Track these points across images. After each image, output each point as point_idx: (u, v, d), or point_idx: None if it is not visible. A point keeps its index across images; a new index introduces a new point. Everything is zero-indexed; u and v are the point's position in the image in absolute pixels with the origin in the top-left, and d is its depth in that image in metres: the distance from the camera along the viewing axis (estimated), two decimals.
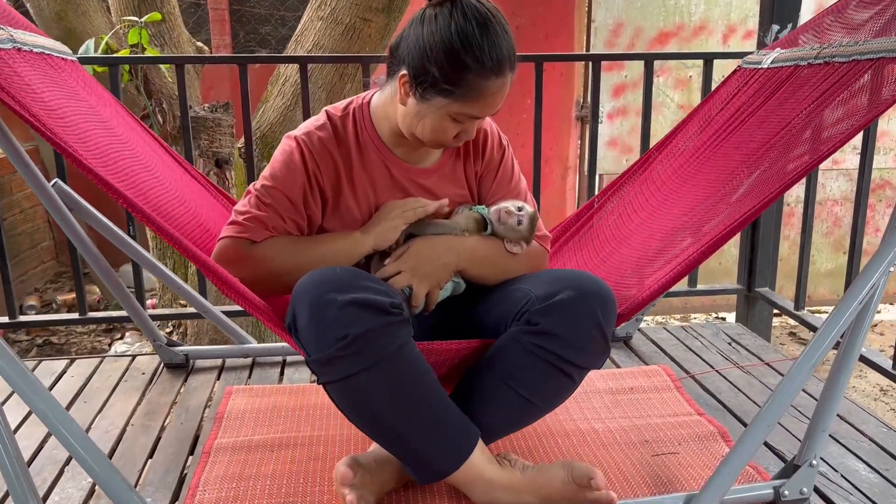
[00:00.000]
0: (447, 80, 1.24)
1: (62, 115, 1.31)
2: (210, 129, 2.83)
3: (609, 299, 1.29)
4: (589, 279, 1.31)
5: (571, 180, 4.39)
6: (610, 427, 1.70)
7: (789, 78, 1.56)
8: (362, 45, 3.00)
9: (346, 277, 1.21)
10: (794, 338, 3.89)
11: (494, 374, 1.33)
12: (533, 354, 1.29)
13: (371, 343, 1.17)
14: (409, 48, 1.28)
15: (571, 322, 1.27)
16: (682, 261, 1.33)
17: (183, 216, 1.49)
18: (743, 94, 1.68)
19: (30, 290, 4.34)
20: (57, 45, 1.58)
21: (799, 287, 2.31)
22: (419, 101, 1.29)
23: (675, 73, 4.03)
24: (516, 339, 1.31)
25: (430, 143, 1.35)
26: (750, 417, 1.77)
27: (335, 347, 1.16)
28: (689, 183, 1.57)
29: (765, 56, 1.70)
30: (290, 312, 1.22)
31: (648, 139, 2.38)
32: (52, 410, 1.19)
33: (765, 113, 1.55)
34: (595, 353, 1.31)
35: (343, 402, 1.27)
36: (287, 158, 1.37)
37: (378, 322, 1.17)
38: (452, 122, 1.30)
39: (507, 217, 1.42)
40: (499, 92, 1.27)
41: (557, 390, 1.36)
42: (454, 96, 1.25)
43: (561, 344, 1.28)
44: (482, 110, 1.29)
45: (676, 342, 2.26)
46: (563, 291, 1.27)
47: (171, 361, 2.07)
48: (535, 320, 1.28)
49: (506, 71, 1.26)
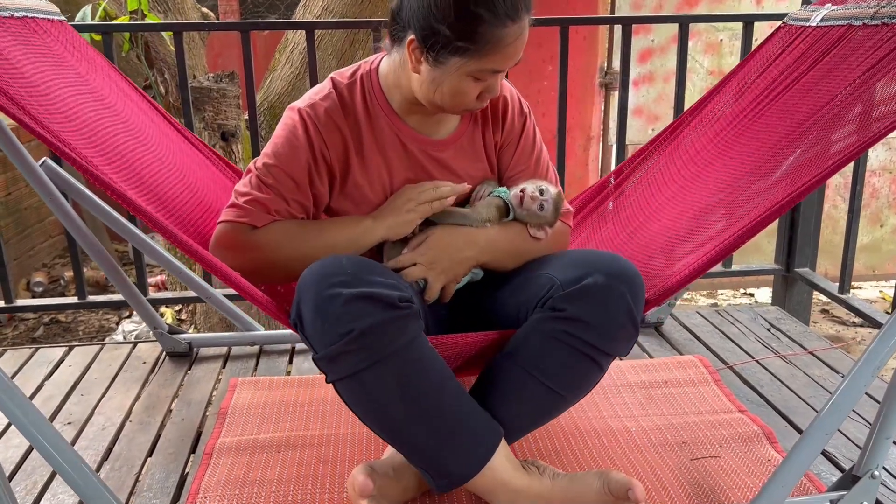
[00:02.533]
0: (460, 35, 1.12)
1: (45, 90, 1.19)
2: (215, 101, 2.69)
3: (638, 283, 1.19)
4: (617, 261, 1.21)
5: (594, 151, 4.21)
6: (644, 426, 1.57)
7: (840, 40, 1.39)
8: (374, 9, 2.84)
9: (352, 269, 1.11)
10: (828, 315, 3.72)
11: (517, 364, 1.22)
12: (559, 341, 1.19)
13: (378, 338, 1.08)
14: (412, 10, 1.16)
15: (601, 308, 1.17)
16: (718, 244, 1.19)
17: (182, 195, 1.37)
18: (788, 55, 1.50)
19: (37, 265, 4.25)
20: (41, 6, 1.44)
21: (844, 269, 2.15)
22: (433, 66, 1.17)
23: (706, 36, 3.82)
24: (540, 326, 1.20)
25: (452, 108, 1.24)
26: (795, 413, 1.64)
27: (341, 343, 1.08)
28: (727, 155, 1.42)
29: (814, 12, 1.52)
30: (295, 306, 1.13)
31: (683, 108, 2.21)
32: (35, 424, 1.08)
33: (812, 80, 1.38)
34: (624, 339, 1.21)
35: (352, 400, 1.17)
36: (289, 133, 1.26)
37: (385, 316, 1.08)
38: (473, 82, 1.19)
39: (530, 203, 1.30)
40: (518, 39, 1.15)
41: (585, 379, 1.26)
42: (470, 53, 1.14)
43: (590, 330, 1.18)
44: (503, 62, 1.17)
45: (711, 328, 2.11)
46: (591, 275, 1.17)
47: (174, 350, 1.95)
48: (560, 306, 1.18)
49: (522, 14, 1.14)
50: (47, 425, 1.09)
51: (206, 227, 1.36)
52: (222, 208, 1.29)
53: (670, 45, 3.88)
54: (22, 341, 3.41)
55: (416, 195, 1.26)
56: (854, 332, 3.53)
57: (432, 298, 1.27)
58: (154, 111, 1.62)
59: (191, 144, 1.66)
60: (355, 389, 1.14)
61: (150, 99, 1.66)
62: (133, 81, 1.65)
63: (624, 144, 2.27)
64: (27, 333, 3.49)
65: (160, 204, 1.27)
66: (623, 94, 2.21)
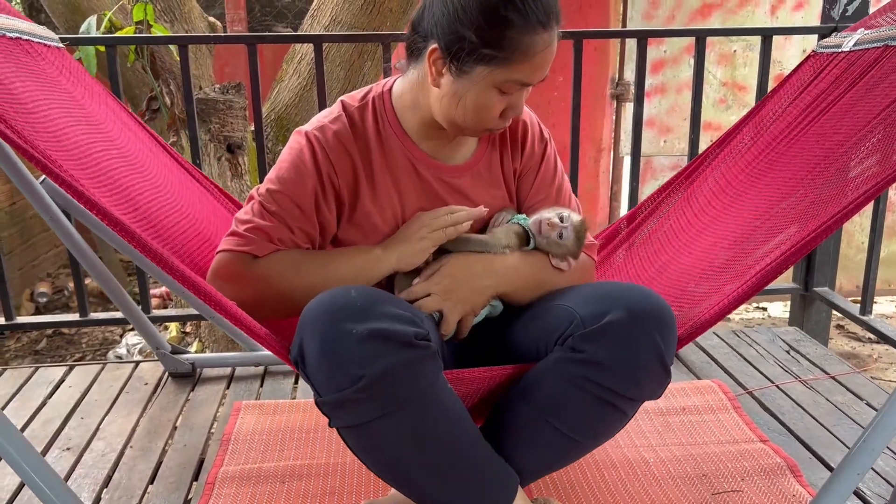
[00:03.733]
0: (487, 42, 1.05)
1: (34, 108, 1.13)
2: (221, 112, 2.64)
3: (668, 320, 1.08)
4: (643, 295, 1.09)
5: (605, 162, 4.15)
6: (662, 457, 1.51)
7: (878, 61, 1.33)
8: (382, 19, 2.78)
9: (362, 302, 1.00)
10: (843, 331, 3.64)
11: (532, 408, 1.13)
12: (578, 387, 1.08)
13: (394, 384, 0.98)
14: (435, 17, 1.09)
15: (624, 349, 1.05)
16: (757, 272, 1.11)
17: (178, 223, 1.30)
18: (821, 80, 1.45)
19: (42, 275, 4.21)
20: (38, 30, 1.40)
21: (866, 290, 2.08)
22: (456, 77, 1.10)
23: (719, 47, 3.75)
24: (558, 368, 1.10)
25: (473, 127, 1.15)
26: (819, 444, 1.58)
27: (351, 389, 0.97)
28: (761, 182, 1.36)
29: (845, 38, 1.47)
30: (296, 342, 1.02)
31: (699, 123, 2.17)
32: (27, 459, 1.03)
33: (850, 101, 1.33)
34: (652, 383, 1.09)
35: (358, 447, 1.08)
36: (296, 158, 1.18)
37: (402, 358, 0.98)
38: (498, 95, 1.11)
39: (548, 230, 1.21)
40: (547, 49, 1.08)
41: (607, 427, 1.16)
42: (497, 61, 1.07)
43: (612, 375, 1.06)
44: (531, 73, 1.10)
45: (729, 350, 2.05)
46: (613, 311, 1.06)
47: (177, 371, 1.90)
48: (580, 347, 1.07)
49: (552, 23, 1.07)
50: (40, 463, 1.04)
51: (204, 260, 1.29)
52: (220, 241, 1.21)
53: (683, 56, 3.82)
54: (24, 354, 3.37)
55: (430, 221, 1.18)
56: (871, 348, 3.46)
57: (449, 332, 1.17)
58: (153, 141, 1.57)
59: (191, 176, 1.61)
60: (363, 437, 1.05)
61: (151, 130, 1.61)
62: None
63: (639, 159, 2.22)
64: (30, 346, 3.45)
65: (153, 230, 1.20)
66: (638, 108, 2.16)
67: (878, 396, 1.78)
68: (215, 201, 1.60)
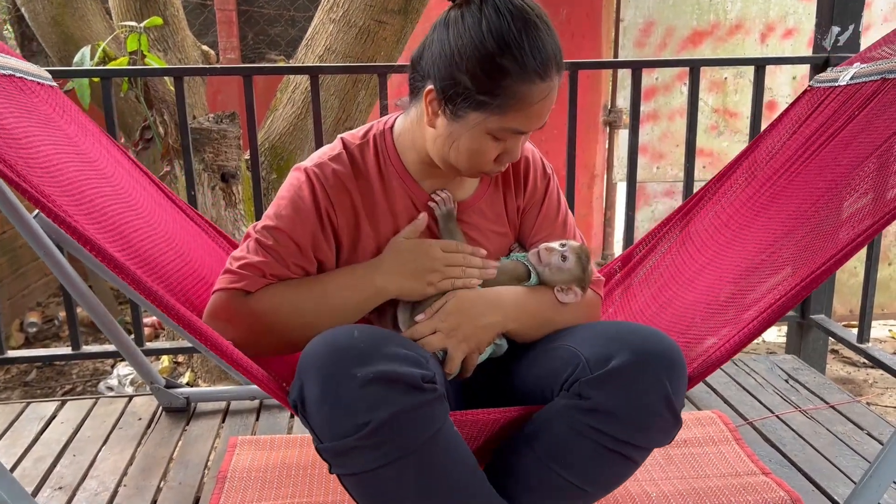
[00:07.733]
0: (482, 89, 1.03)
1: (27, 143, 1.12)
2: (215, 142, 2.63)
3: (678, 362, 1.04)
4: (651, 336, 1.06)
5: (598, 189, 4.17)
6: (664, 490, 1.49)
7: (876, 94, 1.34)
8: (377, 49, 2.79)
9: (365, 343, 0.98)
10: (837, 356, 3.64)
11: (536, 454, 1.09)
12: (584, 435, 1.05)
13: (400, 431, 0.95)
14: (433, 58, 1.07)
15: (632, 396, 1.02)
16: (766, 306, 1.10)
17: (174, 261, 1.28)
18: (819, 114, 1.46)
19: (32, 304, 4.16)
20: (32, 69, 1.39)
21: (863, 318, 2.08)
22: (451, 120, 1.08)
23: (710, 74, 3.79)
24: (564, 415, 1.06)
25: (468, 170, 1.13)
26: (822, 476, 1.57)
27: (355, 437, 0.94)
28: (764, 216, 1.36)
29: (841, 72, 1.48)
30: (296, 385, 0.99)
31: (693, 151, 2.17)
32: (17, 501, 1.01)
33: (850, 133, 1.33)
34: (661, 430, 1.05)
35: (360, 494, 1.04)
36: (294, 194, 1.16)
37: (408, 403, 0.95)
38: (492, 141, 1.08)
39: (547, 255, 1.19)
40: (546, 99, 1.06)
41: (615, 475, 1.12)
42: (492, 108, 1.04)
43: (619, 424, 1.03)
44: (526, 122, 1.07)
45: (728, 379, 2.04)
46: (620, 354, 1.03)
47: (171, 405, 1.88)
48: (586, 393, 1.04)
49: (552, 73, 1.05)
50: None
51: (199, 299, 1.27)
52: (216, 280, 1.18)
53: (675, 83, 3.85)
54: (14, 386, 3.32)
55: (442, 267, 1.15)
56: (866, 373, 3.45)
57: (454, 372, 1.14)
58: (146, 179, 1.56)
59: (185, 215, 1.59)
60: (366, 485, 1.01)
61: (145, 169, 1.60)
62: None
63: (634, 188, 2.22)
64: (19, 377, 3.40)
65: (148, 268, 1.18)
66: (633, 138, 2.17)
67: (878, 426, 1.77)
68: (210, 240, 1.58)
